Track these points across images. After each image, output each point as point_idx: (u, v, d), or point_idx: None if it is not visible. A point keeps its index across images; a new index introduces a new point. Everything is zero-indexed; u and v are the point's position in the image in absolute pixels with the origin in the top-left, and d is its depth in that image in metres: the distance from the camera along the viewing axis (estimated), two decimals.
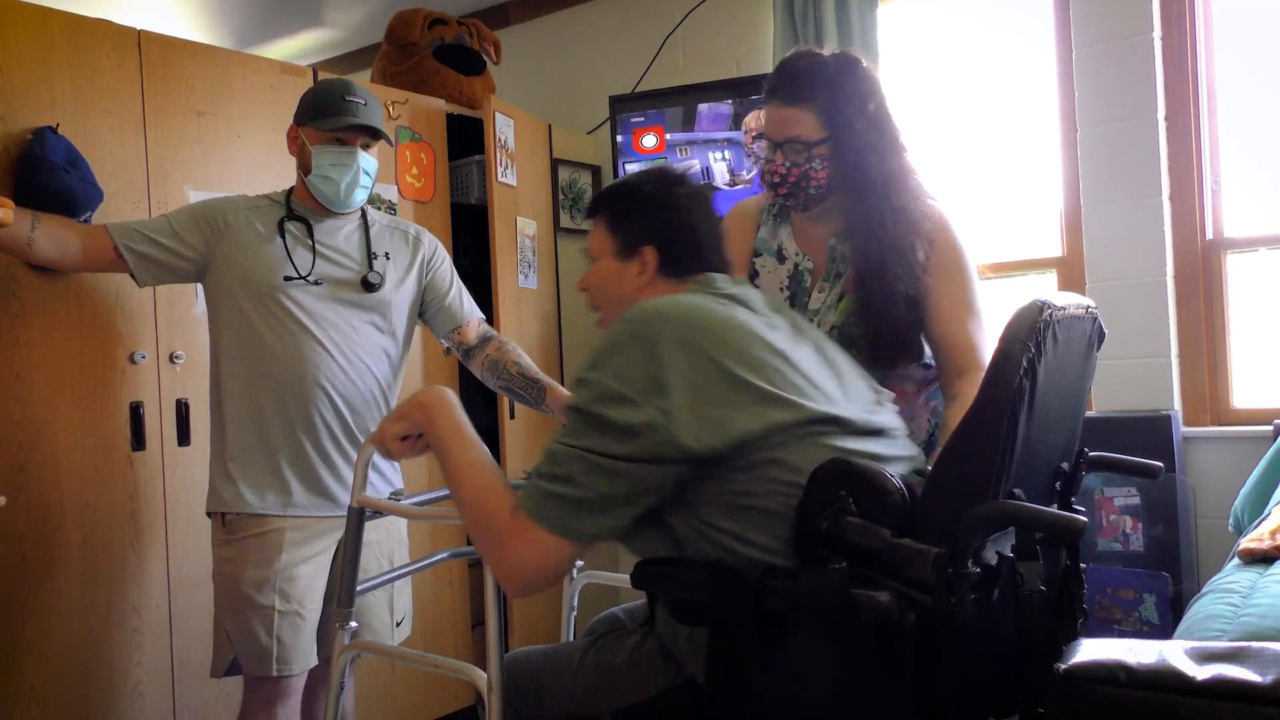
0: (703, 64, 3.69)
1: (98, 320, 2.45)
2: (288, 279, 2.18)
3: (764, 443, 1.26)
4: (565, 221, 3.83)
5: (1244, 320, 2.90)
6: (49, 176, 2.26)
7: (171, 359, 2.58)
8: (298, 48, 4.89)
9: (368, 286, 2.25)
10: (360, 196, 2.27)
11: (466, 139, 3.53)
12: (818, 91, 1.82)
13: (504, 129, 3.39)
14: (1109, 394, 2.93)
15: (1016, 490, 1.21)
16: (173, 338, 2.58)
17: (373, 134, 2.24)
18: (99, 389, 2.45)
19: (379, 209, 3.02)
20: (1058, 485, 1.41)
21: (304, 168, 2.23)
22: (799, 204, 1.93)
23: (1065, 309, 1.23)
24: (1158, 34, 2.88)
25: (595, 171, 4.00)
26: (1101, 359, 2.88)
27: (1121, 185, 2.91)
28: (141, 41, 2.56)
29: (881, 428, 1.38)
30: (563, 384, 2.48)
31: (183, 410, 2.60)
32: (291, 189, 2.30)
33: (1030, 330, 1.14)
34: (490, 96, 3.34)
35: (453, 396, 1.52)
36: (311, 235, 2.25)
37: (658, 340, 1.28)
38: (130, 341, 2.51)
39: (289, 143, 2.27)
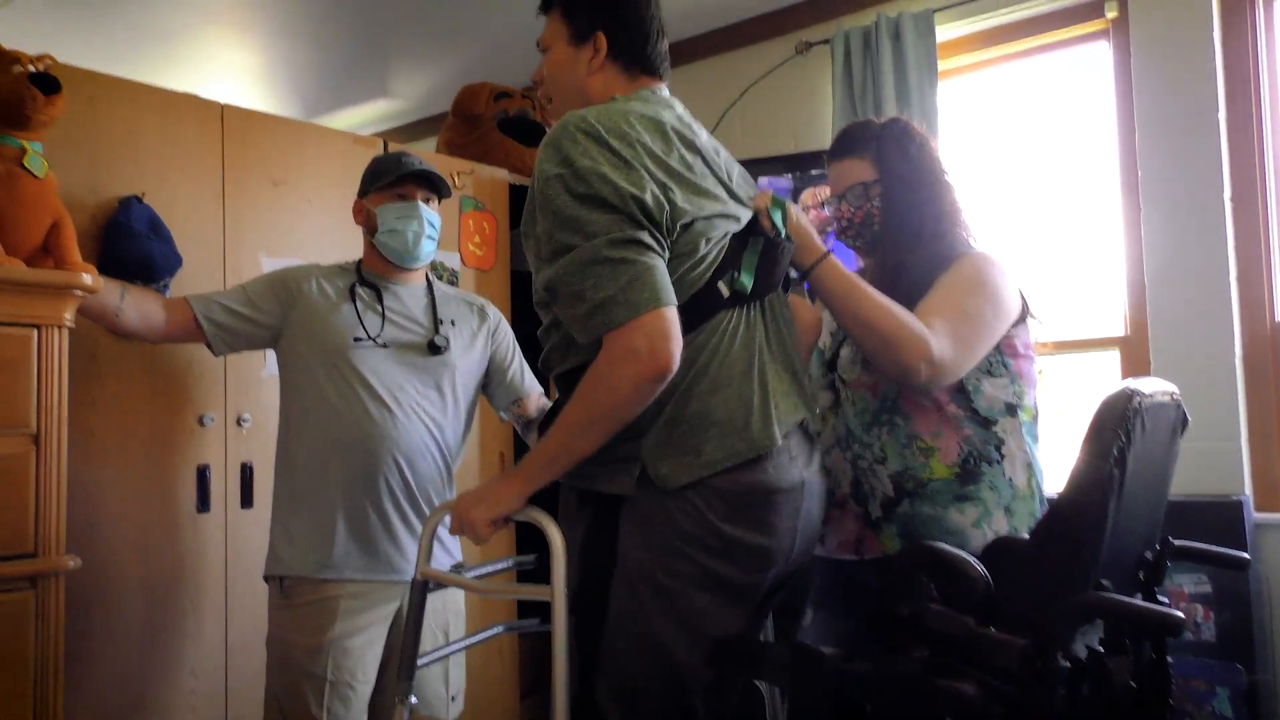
0: (761, 137, 3.74)
1: (170, 382, 2.50)
2: (356, 340, 2.22)
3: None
4: None
5: None
6: (132, 243, 2.33)
7: (239, 422, 2.62)
8: (363, 118, 5.04)
9: (433, 350, 2.29)
10: (428, 248, 2.34)
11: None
12: (868, 143, 2.00)
13: None
14: (1176, 477, 2.86)
15: (1104, 581, 1.19)
16: (241, 401, 2.62)
17: (431, 186, 2.32)
18: (167, 450, 2.49)
19: (441, 276, 3.09)
20: (1140, 575, 1.38)
21: (370, 229, 2.31)
22: (868, 245, 2.01)
23: (1152, 396, 1.21)
24: (1223, 114, 2.87)
25: None
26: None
27: (1188, 265, 2.88)
28: (224, 115, 2.65)
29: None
30: None
31: (247, 473, 2.63)
32: (360, 260, 2.36)
33: (1121, 418, 1.13)
34: None
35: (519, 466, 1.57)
36: (381, 300, 2.30)
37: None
38: (200, 404, 2.56)
39: (355, 215, 2.37)
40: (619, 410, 1.43)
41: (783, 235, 1.65)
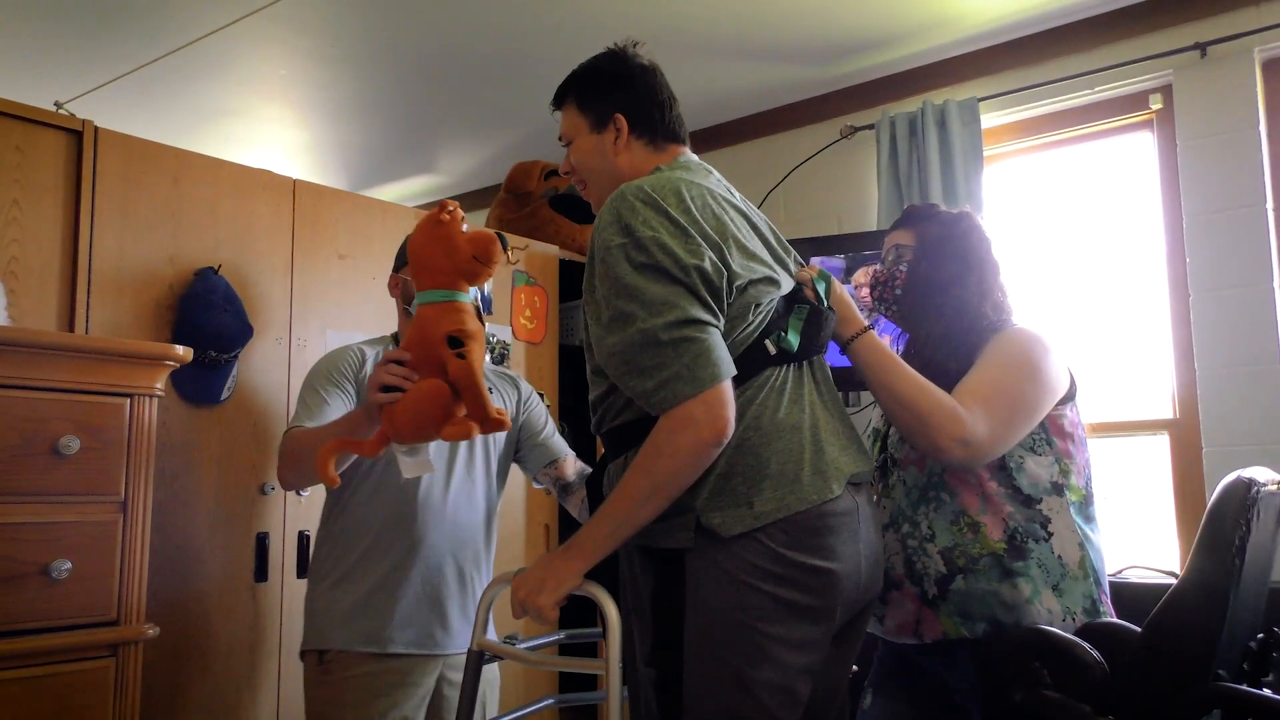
0: (806, 220, 3.81)
1: (235, 452, 2.53)
2: None
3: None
4: None
5: None
6: (208, 314, 2.39)
7: (298, 492, 2.64)
8: (407, 191, 5.14)
9: None
10: None
11: (575, 282, 3.65)
12: (918, 218, 2.08)
13: None
14: None
15: (1221, 671, 1.19)
16: None
17: None
18: (230, 519, 2.51)
19: (493, 350, 3.13)
20: (1245, 664, 1.38)
21: (406, 299, 2.29)
22: (888, 309, 2.04)
23: (1266, 485, 1.23)
24: (1270, 205, 2.92)
25: None
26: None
27: (1238, 351, 2.90)
28: (296, 190, 2.72)
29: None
30: None
31: (304, 542, 2.64)
32: (396, 332, 2.37)
33: (1241, 508, 1.14)
34: None
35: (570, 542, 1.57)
36: None
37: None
38: (261, 473, 2.58)
39: (390, 288, 2.32)
40: (679, 476, 1.47)
41: (825, 304, 1.70)
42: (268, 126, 4.19)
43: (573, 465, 2.45)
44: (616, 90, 1.74)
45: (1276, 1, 2.93)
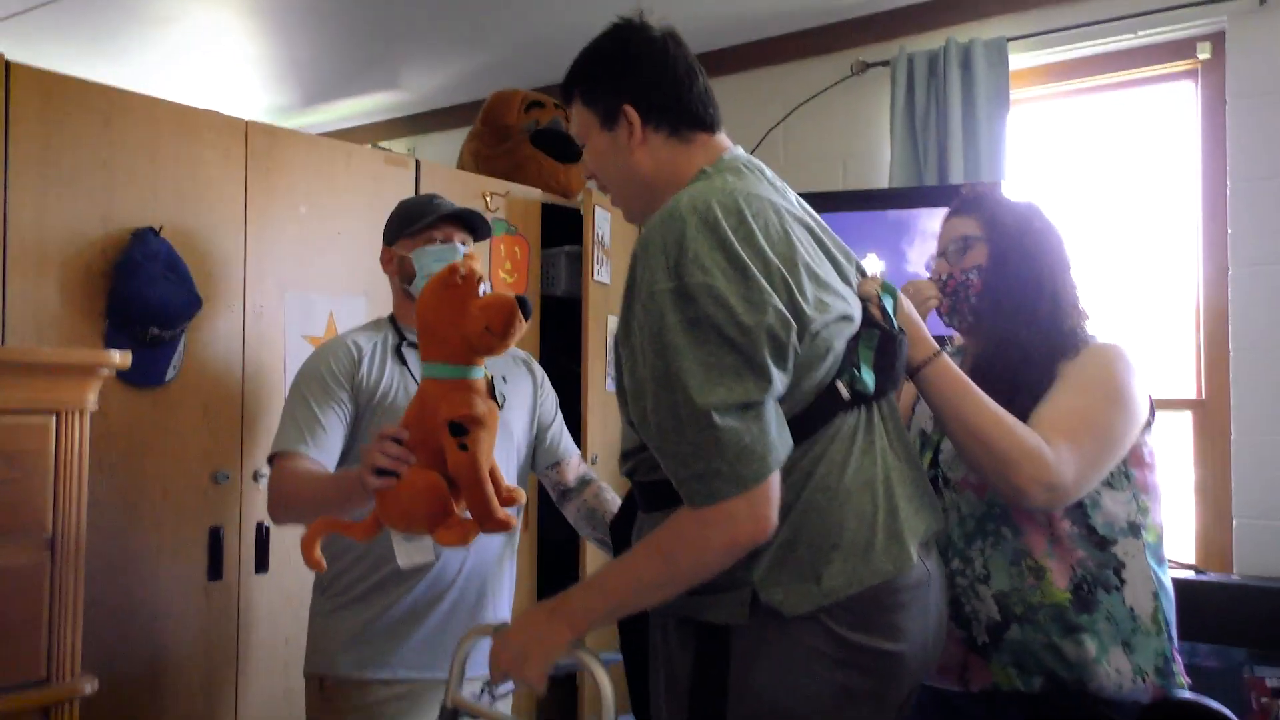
0: (807, 164, 3.49)
1: (183, 437, 2.23)
2: None
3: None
4: None
5: None
6: (149, 286, 2.06)
7: (255, 477, 2.36)
8: (361, 108, 4.72)
9: None
10: None
11: (558, 227, 3.34)
12: (980, 203, 1.84)
13: (601, 224, 3.20)
14: (1256, 557, 2.71)
15: None
16: (260, 454, 2.36)
17: (469, 227, 2.05)
18: (178, 513, 2.23)
19: None
20: None
21: (406, 278, 2.02)
22: (962, 320, 1.82)
23: None
24: None
25: None
26: (1249, 519, 2.72)
27: (1278, 329, 2.70)
28: (249, 133, 2.36)
29: None
30: None
31: (263, 534, 2.37)
32: (392, 314, 2.08)
33: None
34: (588, 190, 3.15)
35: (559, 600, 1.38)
36: None
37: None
38: (215, 459, 2.29)
39: (384, 264, 2.05)
40: (703, 573, 1.27)
41: (896, 327, 1.45)
42: (209, 37, 3.75)
43: (575, 469, 2.19)
44: (621, 76, 1.43)
45: None
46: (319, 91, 4.50)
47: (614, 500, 2.14)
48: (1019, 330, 1.73)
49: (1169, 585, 1.70)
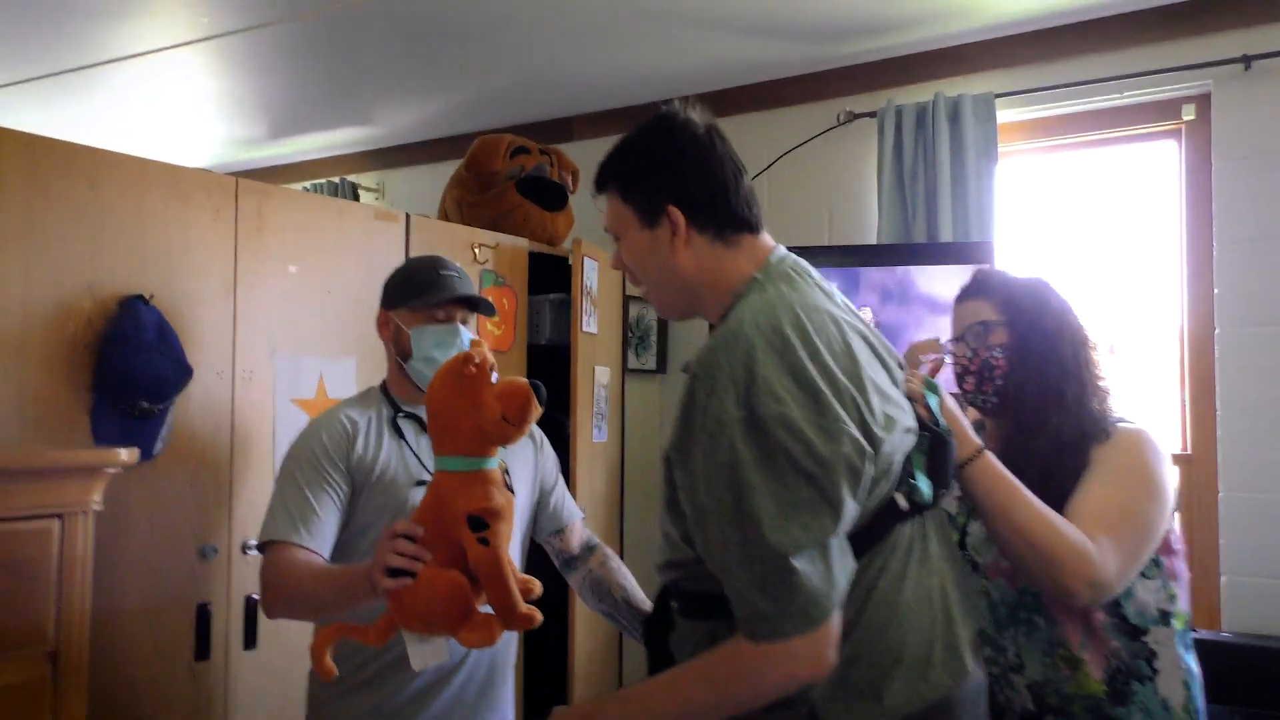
0: (792, 213, 3.48)
1: (170, 511, 2.13)
2: (420, 484, 1.89)
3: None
4: (633, 362, 3.58)
5: None
6: (138, 357, 1.97)
7: (244, 549, 2.26)
8: (330, 141, 4.61)
9: None
10: None
11: (544, 275, 3.28)
12: (996, 287, 1.83)
13: (589, 274, 3.14)
14: (1241, 615, 2.74)
15: None
16: (248, 524, 2.26)
17: (472, 306, 1.98)
18: (164, 590, 2.13)
19: None
20: None
21: (402, 353, 1.93)
22: (986, 400, 1.79)
23: None
24: None
25: None
26: (1236, 575, 2.75)
27: (1266, 392, 2.74)
28: (239, 192, 2.27)
29: None
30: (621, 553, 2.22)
31: (251, 609, 2.27)
32: (384, 382, 2.00)
33: None
34: (578, 241, 3.10)
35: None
36: (427, 431, 1.96)
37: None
38: (202, 533, 2.19)
39: (380, 328, 1.96)
40: (754, 705, 1.24)
41: (942, 426, 1.43)
42: (168, 67, 3.61)
43: (579, 535, 2.13)
44: (666, 175, 1.37)
45: None
46: (286, 124, 4.39)
47: (620, 570, 2.08)
48: (1049, 416, 1.71)
49: (1198, 672, 1.69)
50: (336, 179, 4.72)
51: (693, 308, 1.44)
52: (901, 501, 1.30)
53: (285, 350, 2.36)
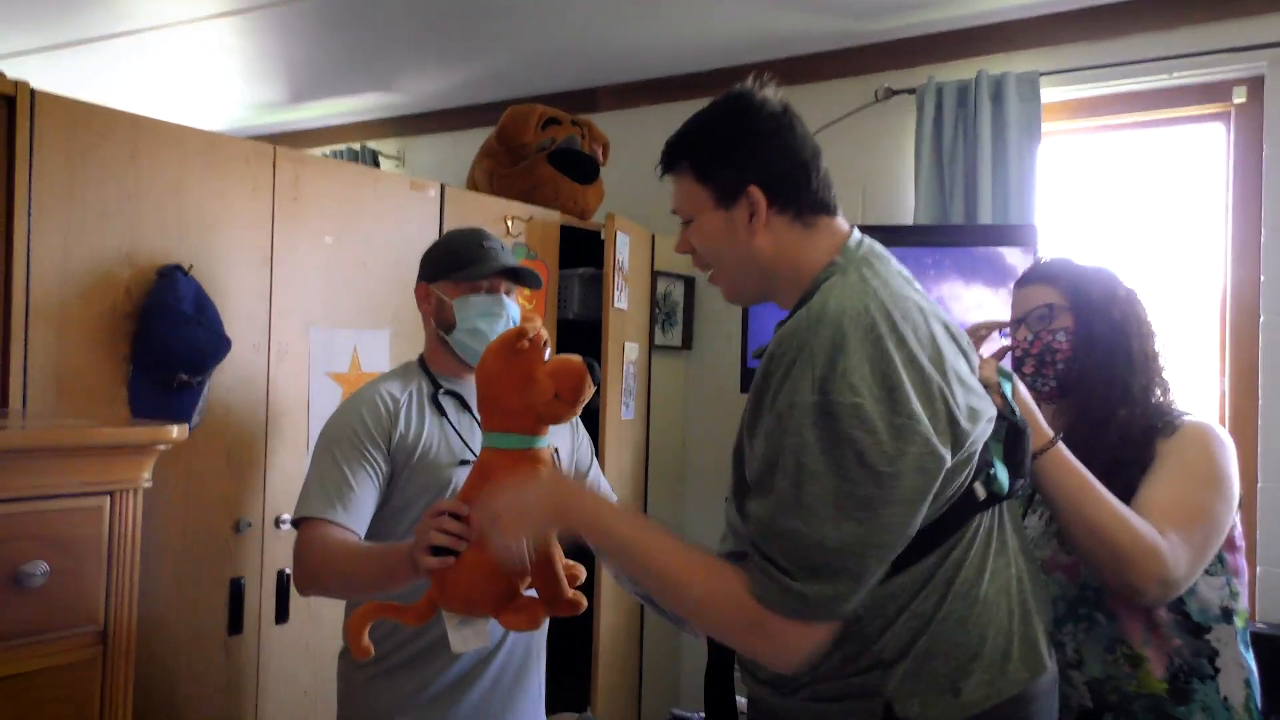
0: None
1: (205, 485, 2.10)
2: (464, 463, 1.85)
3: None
4: (659, 338, 3.53)
5: None
6: (179, 330, 1.93)
7: (277, 523, 2.23)
8: (350, 107, 4.54)
9: None
10: None
11: (575, 249, 3.23)
12: (1063, 272, 1.80)
13: (621, 249, 3.09)
14: (1277, 607, 2.72)
15: None
16: (282, 499, 2.23)
17: (517, 278, 1.94)
18: (199, 565, 2.10)
19: None
20: None
21: (444, 325, 1.89)
22: (1045, 384, 1.76)
23: None
24: None
25: (689, 283, 3.71)
26: (1272, 566, 2.72)
27: None
28: (277, 160, 2.22)
29: None
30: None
31: (283, 582, 2.25)
32: (421, 356, 1.96)
33: None
34: (611, 214, 3.05)
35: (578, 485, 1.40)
36: (469, 408, 1.93)
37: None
38: (235, 507, 2.16)
39: (419, 300, 1.91)
40: (706, 631, 1.30)
41: (1017, 414, 1.39)
42: (190, 29, 3.54)
43: None
44: (748, 155, 1.33)
45: None
46: (307, 89, 4.32)
47: None
48: (1116, 408, 1.69)
49: (1255, 670, 1.67)
50: (357, 145, 4.65)
51: (766, 292, 1.40)
52: (980, 491, 1.28)
53: (320, 324, 2.32)
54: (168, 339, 1.91)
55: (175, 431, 1.44)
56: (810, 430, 1.14)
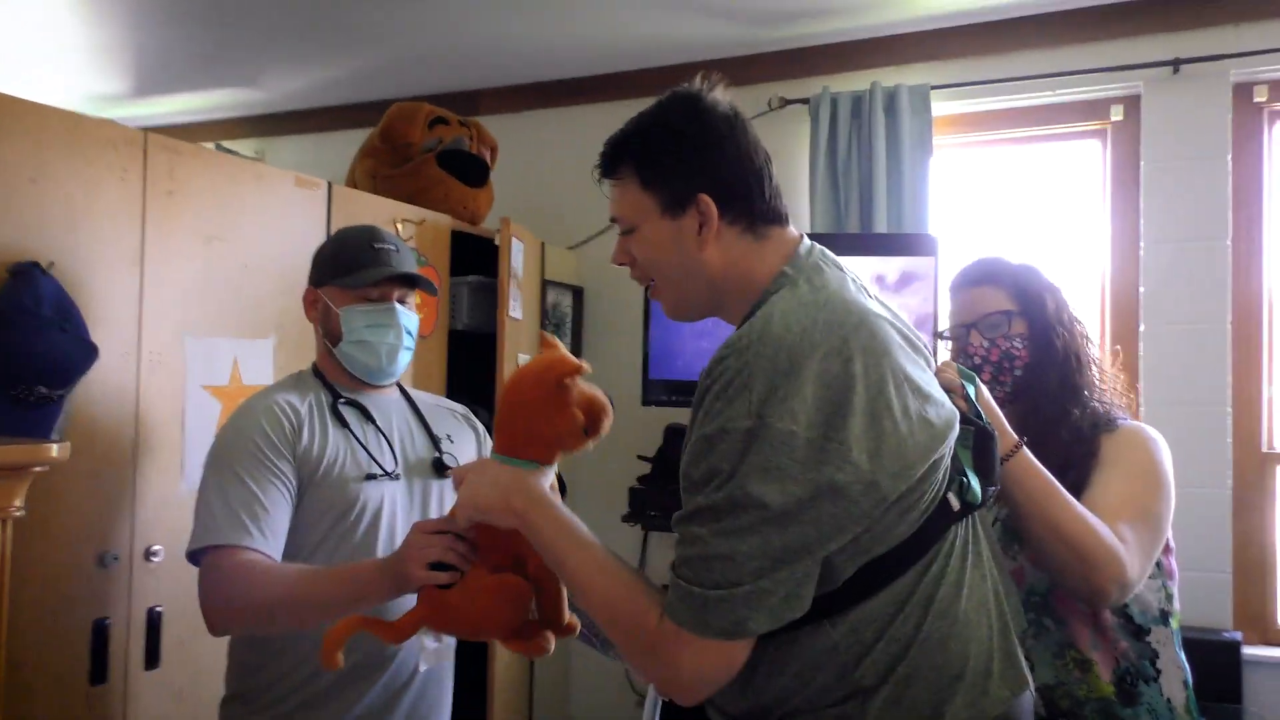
0: None
1: (65, 513, 1.85)
2: (370, 477, 1.68)
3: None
4: None
5: None
6: (36, 335, 1.69)
7: (147, 555, 1.99)
8: (203, 103, 4.22)
9: (440, 471, 1.80)
10: (404, 361, 1.80)
11: (466, 256, 3.07)
12: (1003, 274, 1.80)
13: (515, 256, 2.95)
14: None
15: None
16: (152, 528, 1.99)
17: (411, 283, 1.79)
18: (57, 604, 1.84)
19: None
20: None
21: (331, 336, 1.73)
22: (1001, 390, 1.75)
23: None
24: (1229, 239, 2.81)
25: (578, 294, 3.59)
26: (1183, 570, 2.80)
27: (1186, 389, 2.81)
28: (148, 147, 1.98)
29: None
30: None
31: (154, 622, 2.00)
32: (314, 365, 1.78)
33: None
34: (506, 219, 2.90)
35: (542, 489, 1.29)
36: (371, 418, 1.76)
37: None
38: (101, 538, 1.91)
39: (306, 306, 1.76)
40: (614, 635, 1.20)
41: (984, 419, 1.35)
42: (39, 16, 3.21)
43: None
44: (698, 161, 1.23)
45: (1255, 24, 2.78)
46: (154, 81, 3.98)
47: None
48: (1069, 407, 1.70)
49: (1189, 672, 1.69)
50: (210, 144, 4.32)
51: (713, 307, 1.31)
52: (954, 501, 1.20)
53: (196, 332, 2.08)
54: (25, 347, 1.66)
55: (56, 450, 1.23)
56: (741, 455, 1.07)
